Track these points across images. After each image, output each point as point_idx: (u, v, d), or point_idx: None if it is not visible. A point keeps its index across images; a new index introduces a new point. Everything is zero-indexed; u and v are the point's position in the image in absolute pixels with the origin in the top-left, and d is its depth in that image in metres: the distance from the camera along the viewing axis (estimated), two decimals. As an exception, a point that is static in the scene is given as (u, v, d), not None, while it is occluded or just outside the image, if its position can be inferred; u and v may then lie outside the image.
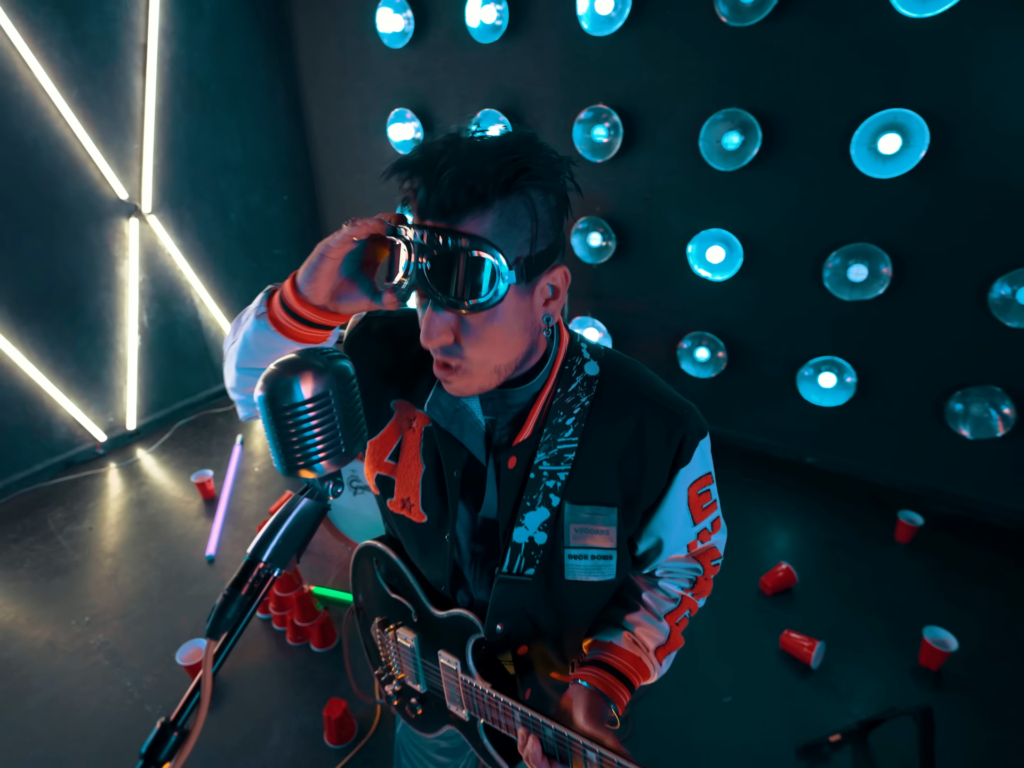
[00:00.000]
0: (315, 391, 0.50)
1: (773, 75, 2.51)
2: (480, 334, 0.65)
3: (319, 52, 3.67)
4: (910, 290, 2.57)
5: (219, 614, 0.50)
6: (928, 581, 2.44)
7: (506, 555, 0.79)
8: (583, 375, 0.77)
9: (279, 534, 0.53)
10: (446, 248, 0.60)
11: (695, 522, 0.82)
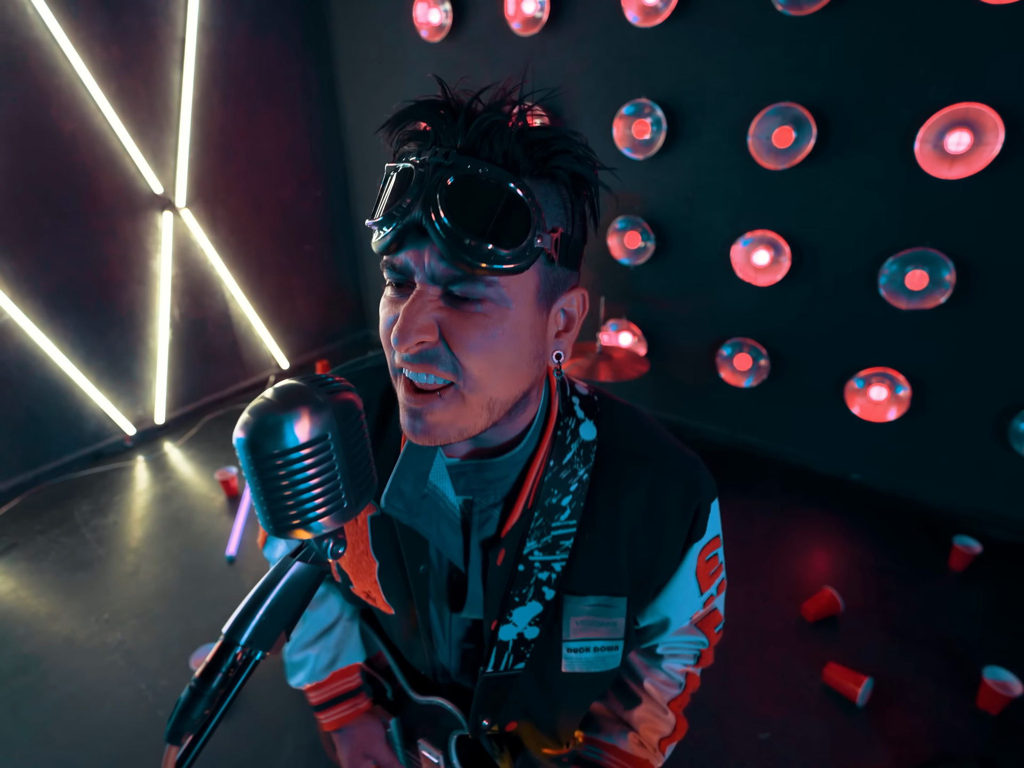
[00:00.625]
0: (312, 433, 0.39)
1: (831, 67, 2.35)
2: (481, 339, 0.49)
3: (356, 46, 3.62)
4: (974, 299, 2.38)
5: (183, 713, 0.39)
6: (987, 614, 2.25)
7: (491, 654, 0.67)
8: (579, 441, 0.63)
9: (262, 609, 0.42)
10: (476, 171, 0.46)
11: (702, 591, 0.72)
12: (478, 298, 0.49)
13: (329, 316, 4.31)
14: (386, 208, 0.49)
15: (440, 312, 0.49)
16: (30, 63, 2.54)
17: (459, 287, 0.49)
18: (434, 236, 0.46)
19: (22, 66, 2.52)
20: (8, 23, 2.44)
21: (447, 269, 0.48)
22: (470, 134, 0.47)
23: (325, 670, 0.86)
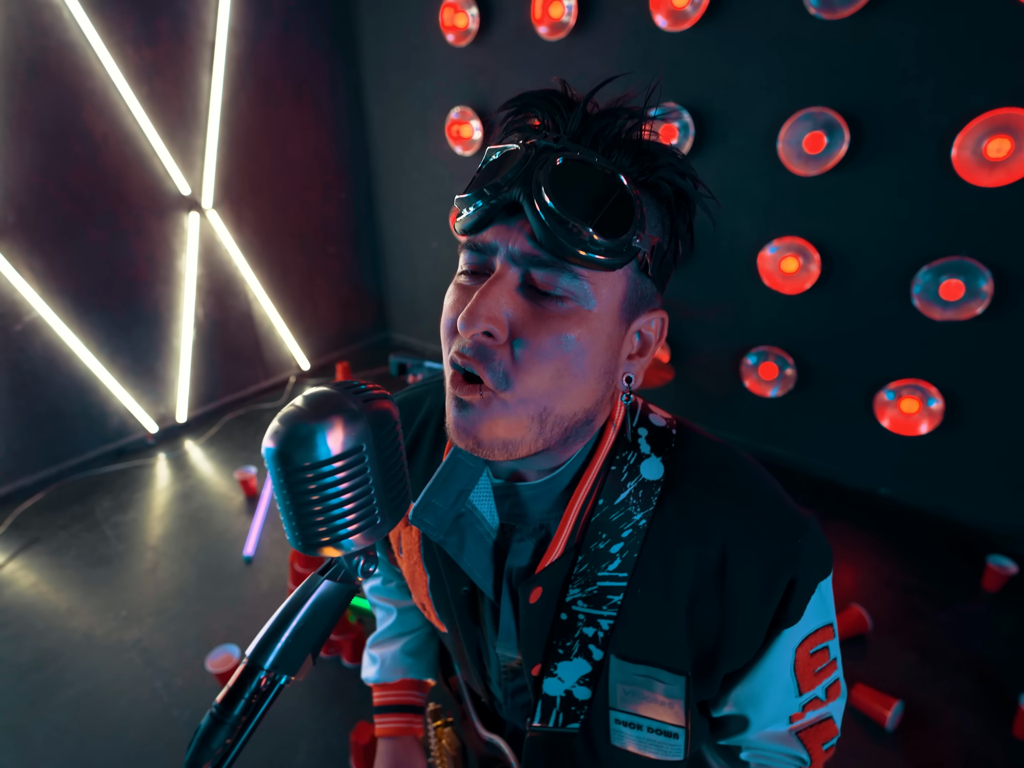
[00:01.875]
0: (346, 445, 0.36)
1: (865, 72, 2.30)
2: (553, 342, 0.45)
3: (382, 50, 3.64)
4: (1013, 311, 2.30)
5: (203, 742, 0.37)
6: (1022, 637, 2.16)
7: (537, 706, 0.60)
8: (638, 479, 0.54)
9: (289, 631, 0.39)
10: (586, 158, 0.44)
11: (801, 691, 0.57)
12: (560, 293, 0.45)
13: (350, 318, 4.33)
14: (480, 183, 0.47)
15: (514, 305, 0.45)
16: (65, 66, 2.59)
17: (543, 272, 0.45)
18: (530, 214, 0.43)
19: (57, 69, 2.57)
20: (45, 26, 2.49)
21: (532, 249, 0.44)
22: (583, 127, 0.46)
23: (395, 672, 0.85)
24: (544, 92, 0.48)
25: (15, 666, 2.09)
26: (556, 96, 0.48)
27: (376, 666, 0.87)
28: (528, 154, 0.45)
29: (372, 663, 0.88)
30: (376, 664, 0.87)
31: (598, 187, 0.44)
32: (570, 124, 0.46)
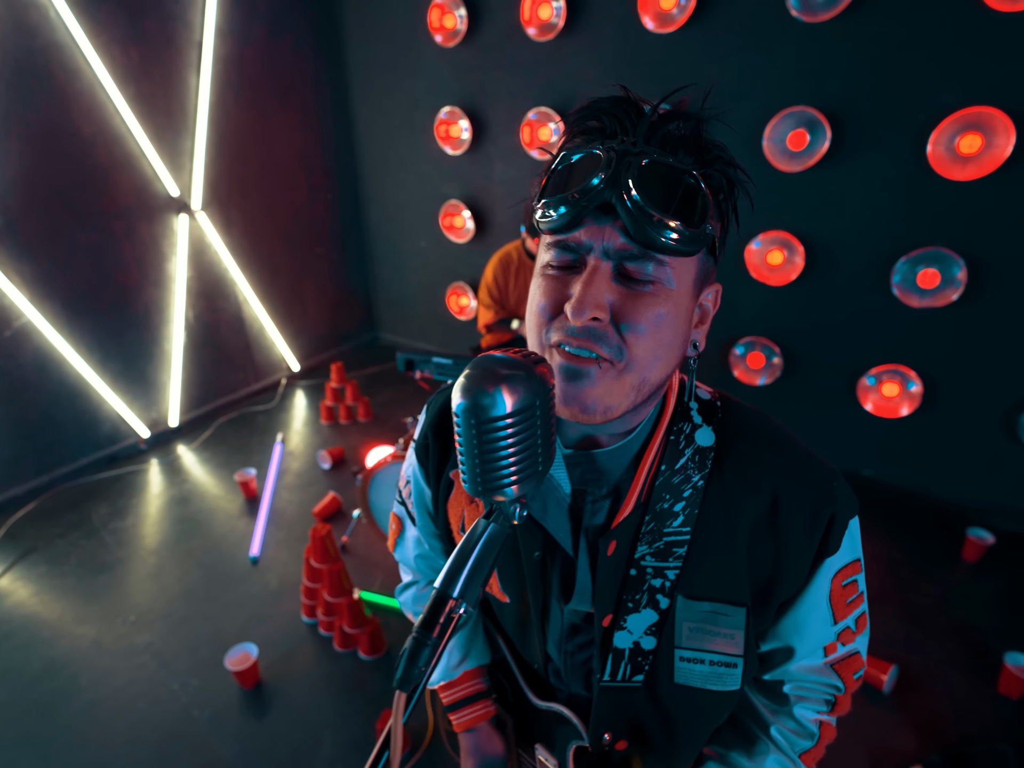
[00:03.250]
0: (524, 401, 0.42)
1: (844, 72, 2.42)
2: (650, 319, 0.51)
3: (368, 51, 3.65)
4: (985, 298, 2.45)
5: (411, 661, 0.43)
6: (1003, 603, 2.31)
7: (607, 662, 0.66)
8: (694, 446, 0.62)
9: (468, 565, 0.45)
10: (663, 159, 0.49)
11: (836, 620, 0.66)
12: (649, 279, 0.51)
13: (339, 318, 4.33)
14: (566, 186, 0.51)
15: (612, 292, 0.51)
16: (52, 67, 2.55)
17: (634, 264, 0.51)
18: (623, 212, 0.48)
19: (45, 70, 2.53)
20: (31, 27, 2.45)
21: (625, 244, 0.50)
22: (652, 129, 0.51)
23: (456, 668, 0.88)
24: (613, 99, 0.54)
25: (25, 675, 2.06)
26: (625, 102, 0.53)
27: (439, 669, 0.88)
28: (611, 158, 0.49)
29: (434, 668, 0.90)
30: (438, 667, 0.87)
31: (677, 185, 0.49)
32: (640, 128, 0.51)
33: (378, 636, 2.14)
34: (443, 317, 4.22)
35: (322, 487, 3.01)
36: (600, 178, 0.49)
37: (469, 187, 3.68)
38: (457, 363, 2.30)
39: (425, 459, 0.77)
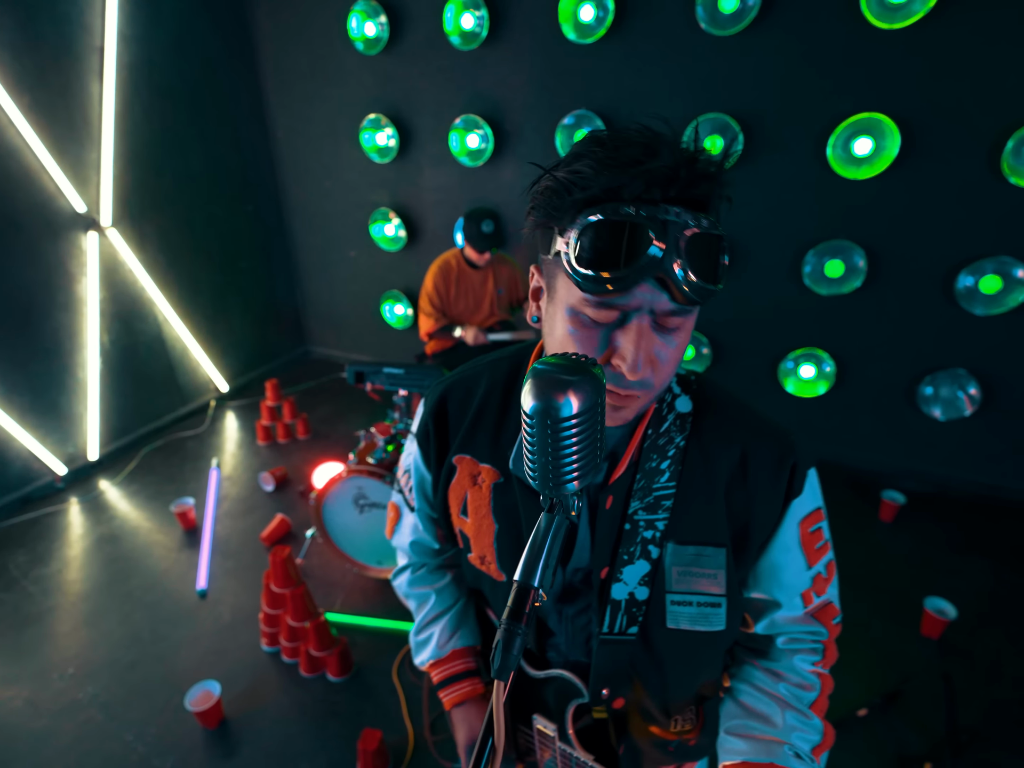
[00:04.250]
0: (589, 401, 0.45)
1: (753, 81, 2.62)
2: (671, 353, 0.59)
3: (284, 57, 3.55)
4: (883, 283, 2.73)
5: (506, 650, 0.45)
6: (916, 555, 2.58)
7: (605, 614, 0.72)
8: (675, 412, 0.71)
9: (543, 556, 0.48)
10: (700, 224, 0.52)
11: (808, 565, 0.73)
12: (680, 326, 0.58)
13: (267, 335, 4.16)
14: (624, 261, 0.52)
15: (654, 345, 0.57)
16: (-71, 73, 2.30)
17: (676, 318, 0.57)
18: (675, 283, 0.52)
19: (-81, 76, 2.28)
20: (-98, 29, 2.20)
21: (672, 306, 0.55)
22: (680, 182, 0.52)
23: (445, 646, 0.91)
24: (644, 143, 0.53)
25: (-51, 749, 1.85)
26: (650, 148, 0.53)
27: (429, 646, 0.92)
28: (657, 232, 0.51)
29: (424, 646, 0.93)
30: (428, 645, 0.92)
31: (713, 250, 0.54)
32: (673, 187, 0.52)
33: (347, 656, 2.09)
34: (377, 327, 4.16)
35: (267, 510, 2.89)
36: (652, 257, 0.51)
37: (398, 195, 3.65)
38: (409, 372, 2.29)
39: (427, 445, 0.82)
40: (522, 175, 3.28)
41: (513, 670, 0.44)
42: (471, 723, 0.89)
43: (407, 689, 2.01)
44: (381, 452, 2.33)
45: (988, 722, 1.88)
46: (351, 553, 2.46)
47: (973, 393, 2.76)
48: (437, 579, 0.96)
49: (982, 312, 2.57)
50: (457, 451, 0.79)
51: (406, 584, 0.97)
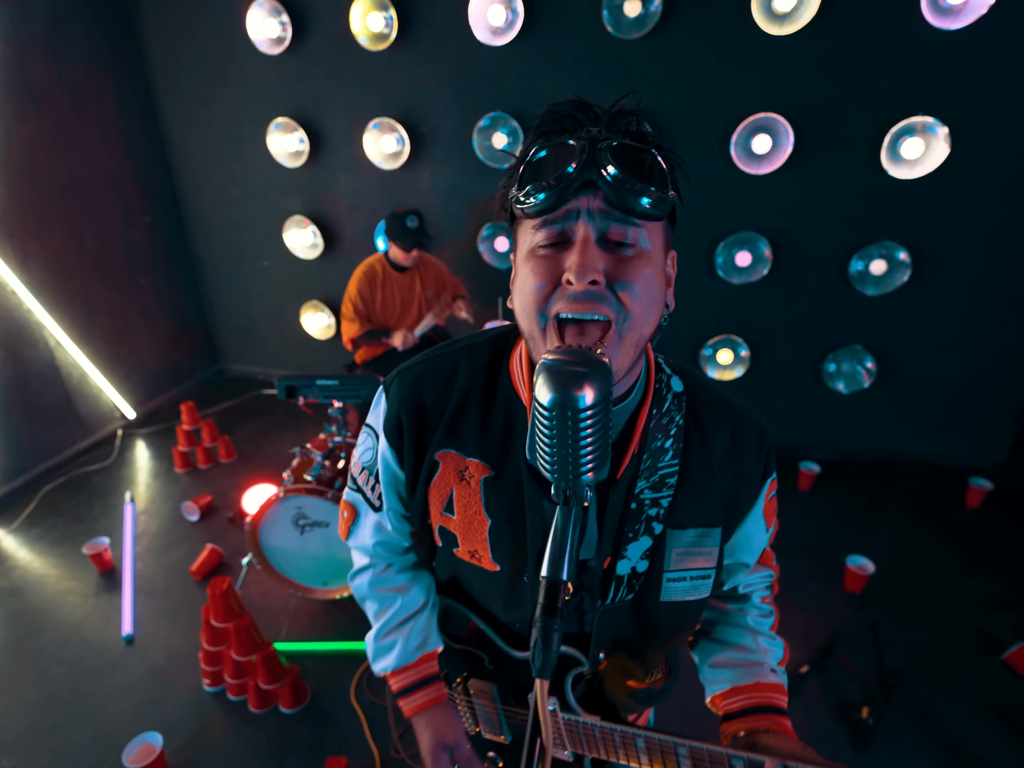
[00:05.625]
0: (602, 392, 0.46)
1: (658, 83, 2.74)
2: (639, 277, 0.58)
3: (176, 58, 3.31)
4: (787, 270, 2.95)
5: (546, 648, 0.44)
6: (835, 518, 2.80)
7: (609, 590, 0.74)
8: (672, 392, 0.73)
9: (568, 549, 0.48)
10: (627, 140, 0.58)
11: (767, 527, 0.80)
12: (630, 242, 0.58)
13: (176, 354, 3.87)
14: (547, 173, 0.57)
15: (603, 259, 0.57)
16: None
17: (616, 226, 0.58)
18: (604, 185, 0.56)
19: None
20: None
21: (607, 207, 0.57)
22: (610, 122, 0.60)
23: (415, 651, 0.88)
24: (572, 103, 0.63)
25: None
26: (581, 105, 0.62)
27: (393, 652, 0.88)
28: (584, 145, 0.57)
29: (387, 652, 0.89)
30: (393, 650, 0.89)
31: (643, 160, 0.57)
32: (602, 121, 0.60)
33: (300, 685, 1.99)
34: (297, 339, 3.99)
35: (194, 542, 2.70)
36: (580, 161, 0.56)
37: (312, 201, 3.52)
38: (344, 383, 2.22)
39: (399, 442, 0.77)
40: (440, 177, 3.26)
41: (554, 666, 0.44)
42: (437, 727, 0.88)
43: (367, 710, 1.95)
44: (319, 468, 2.24)
45: (910, 662, 2.07)
46: (294, 577, 2.34)
47: (870, 367, 3.04)
48: (403, 580, 0.92)
49: (874, 292, 2.84)
50: (440, 446, 0.75)
51: (367, 585, 0.92)
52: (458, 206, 3.31)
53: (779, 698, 0.79)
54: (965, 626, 2.23)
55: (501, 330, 0.79)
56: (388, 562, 0.92)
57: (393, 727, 1.41)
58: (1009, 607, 2.31)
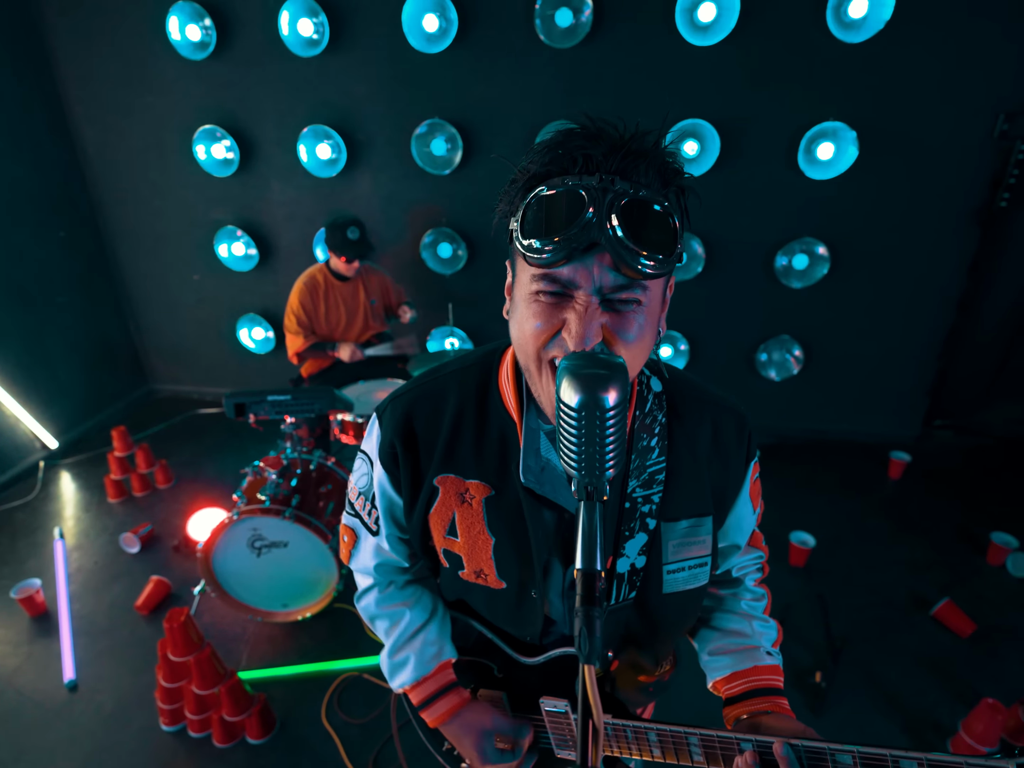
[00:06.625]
0: (623, 393, 0.49)
1: (591, 91, 2.83)
2: (633, 331, 0.58)
3: (87, 63, 3.11)
4: (719, 268, 3.11)
5: (591, 634, 0.46)
6: (777, 497, 2.95)
7: (612, 589, 0.76)
8: (652, 392, 0.76)
9: (598, 540, 0.50)
10: (638, 194, 0.54)
11: (754, 509, 0.84)
12: (632, 300, 0.58)
13: (101, 377, 3.63)
14: (555, 225, 0.55)
15: (601, 318, 0.58)
16: None
17: (621, 293, 0.58)
18: (611, 250, 0.54)
19: None
20: None
21: (615, 279, 0.56)
22: (624, 161, 0.56)
23: (431, 661, 0.88)
24: (583, 132, 0.57)
25: None
26: (593, 135, 0.57)
27: (409, 666, 0.88)
28: (594, 198, 0.54)
29: (401, 667, 0.88)
30: (408, 665, 0.88)
31: (654, 218, 0.55)
32: (612, 163, 0.56)
33: (267, 713, 1.92)
34: (235, 355, 3.84)
35: (137, 575, 2.55)
36: (586, 221, 0.54)
37: (245, 211, 3.39)
38: (297, 397, 2.16)
39: (395, 468, 0.78)
40: (379, 184, 3.23)
41: (599, 652, 0.46)
42: (469, 724, 0.87)
43: (341, 730, 1.91)
44: (274, 487, 2.17)
45: (852, 626, 2.24)
46: (252, 602, 2.26)
47: (797, 354, 3.25)
48: (408, 595, 0.92)
49: (798, 285, 3.04)
50: (438, 471, 0.76)
51: (374, 605, 0.91)
52: (398, 212, 3.29)
53: (776, 679, 0.82)
54: (897, 588, 2.43)
55: (487, 349, 0.81)
56: (390, 580, 0.92)
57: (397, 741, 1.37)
58: (932, 567, 2.54)
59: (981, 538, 2.65)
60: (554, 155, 0.58)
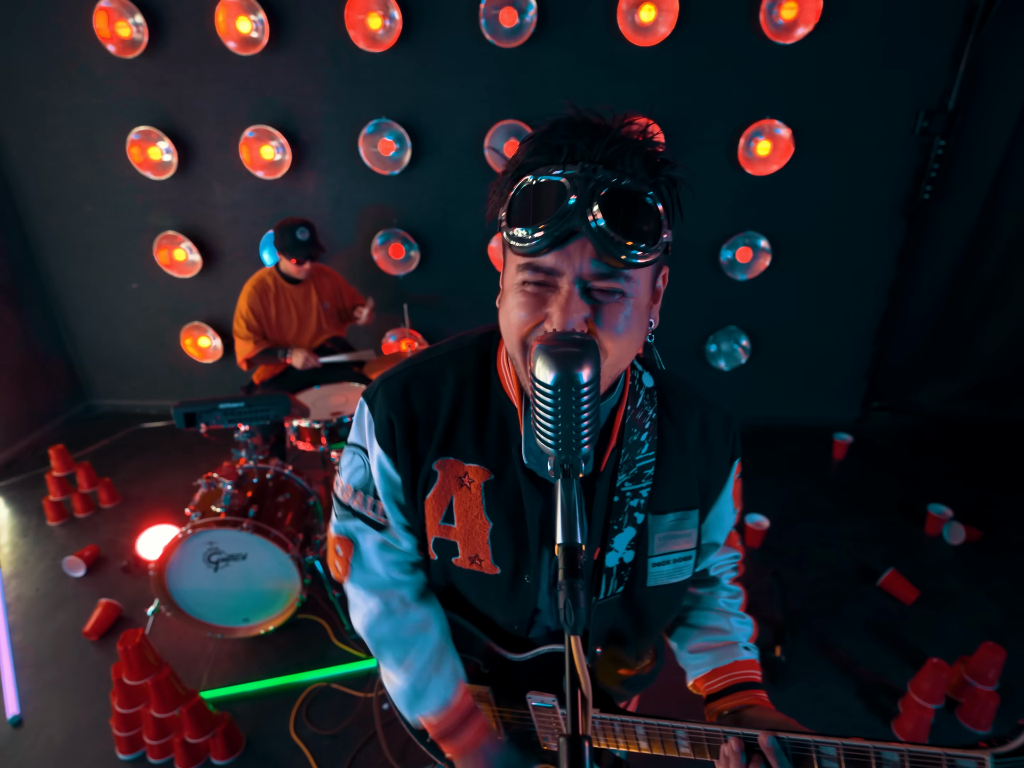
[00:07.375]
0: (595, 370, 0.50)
1: (536, 89, 2.86)
2: (619, 322, 0.59)
3: (7, 60, 2.93)
4: (680, 262, 3.19)
5: (575, 605, 0.47)
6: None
7: (600, 583, 0.77)
8: (644, 388, 0.76)
9: (577, 515, 0.51)
10: (621, 183, 0.54)
11: (734, 507, 0.85)
12: (616, 291, 0.58)
13: (33, 393, 3.42)
14: (538, 214, 0.56)
15: (584, 309, 0.58)
16: None
17: (603, 282, 0.58)
18: (592, 238, 0.55)
19: None
20: None
21: (596, 268, 0.56)
22: (608, 150, 0.56)
23: (451, 683, 0.84)
24: (568, 122, 0.58)
25: None
26: (579, 125, 0.58)
27: (432, 695, 0.82)
28: (575, 186, 0.54)
29: (422, 697, 0.83)
30: (430, 694, 0.82)
31: (636, 207, 0.55)
32: (596, 152, 0.56)
33: (233, 731, 1.86)
34: (179, 365, 3.69)
35: (84, 600, 2.41)
36: (568, 209, 0.54)
37: (186, 215, 3.27)
38: (251, 404, 2.09)
39: (392, 445, 0.76)
40: (326, 185, 3.17)
41: (584, 623, 0.47)
42: (488, 751, 0.84)
43: (311, 742, 1.86)
44: (229, 497, 2.10)
45: (807, 601, 2.34)
46: (211, 619, 2.18)
47: (745, 344, 3.37)
48: (422, 615, 0.85)
49: (743, 277, 3.16)
50: (437, 455, 0.75)
51: (389, 634, 0.84)
52: (348, 214, 3.23)
53: (755, 674, 0.84)
54: (845, 562, 2.56)
55: (482, 333, 0.80)
56: (401, 591, 0.85)
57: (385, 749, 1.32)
58: (876, 540, 2.68)
59: (919, 510, 2.81)
60: (539, 145, 0.59)
